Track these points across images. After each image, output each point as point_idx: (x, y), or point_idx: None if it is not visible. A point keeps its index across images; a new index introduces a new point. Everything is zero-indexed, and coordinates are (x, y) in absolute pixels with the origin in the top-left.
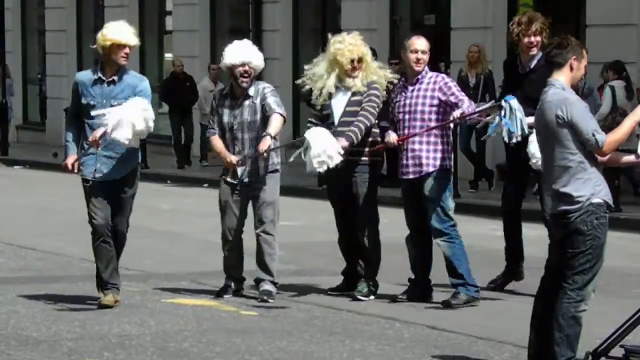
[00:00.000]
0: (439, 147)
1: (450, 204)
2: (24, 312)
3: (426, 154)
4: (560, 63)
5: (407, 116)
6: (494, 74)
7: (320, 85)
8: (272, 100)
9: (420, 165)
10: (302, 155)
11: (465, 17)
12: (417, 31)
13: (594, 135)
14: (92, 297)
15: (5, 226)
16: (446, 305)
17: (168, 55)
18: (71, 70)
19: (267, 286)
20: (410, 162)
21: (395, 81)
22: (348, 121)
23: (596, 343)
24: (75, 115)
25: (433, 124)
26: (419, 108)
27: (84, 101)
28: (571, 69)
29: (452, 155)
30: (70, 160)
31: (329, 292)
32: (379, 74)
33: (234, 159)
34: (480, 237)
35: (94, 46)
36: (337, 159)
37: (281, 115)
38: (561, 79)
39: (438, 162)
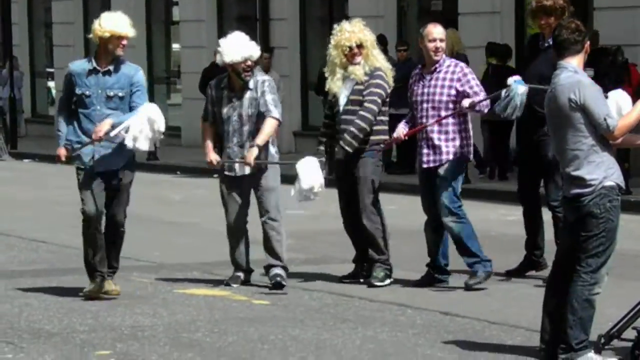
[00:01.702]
0: (457, 135)
1: (459, 187)
2: (36, 304)
3: (445, 143)
4: (579, 50)
5: (424, 105)
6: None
7: (327, 87)
8: (270, 99)
9: (440, 154)
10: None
11: (473, 2)
12: (425, 17)
13: (605, 119)
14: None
15: (16, 219)
16: (468, 287)
17: (175, 46)
18: None
19: (277, 270)
20: (430, 151)
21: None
22: (351, 109)
23: (608, 326)
24: (67, 105)
25: (448, 112)
26: (437, 97)
27: (78, 91)
28: (585, 53)
29: (472, 142)
30: (62, 152)
31: (342, 280)
32: (380, 59)
33: (214, 159)
34: (492, 222)
35: (90, 36)
36: (319, 193)
37: (275, 118)
38: (574, 62)
39: (458, 151)
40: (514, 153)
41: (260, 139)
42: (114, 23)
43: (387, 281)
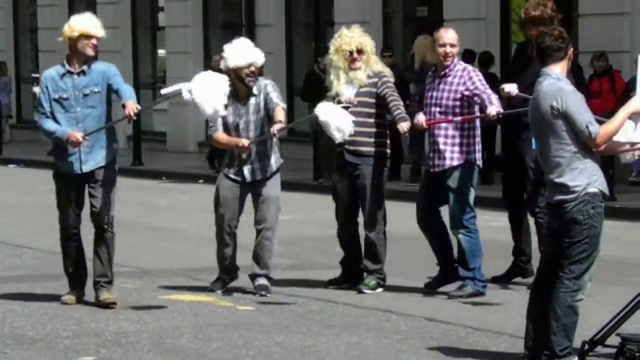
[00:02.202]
0: (463, 140)
1: (472, 196)
2: (20, 310)
3: (450, 147)
4: (562, 56)
5: (432, 109)
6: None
7: (334, 92)
8: (275, 95)
9: (444, 159)
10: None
11: (458, 9)
12: (410, 23)
13: (587, 127)
14: (87, 295)
15: (0, 225)
16: (450, 297)
17: (161, 52)
18: None
19: (262, 281)
20: (435, 155)
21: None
22: (358, 112)
23: (592, 332)
24: (48, 109)
25: (458, 117)
26: (444, 102)
27: (55, 96)
28: (568, 59)
29: (480, 148)
30: (76, 134)
31: (328, 286)
32: (381, 65)
33: (245, 142)
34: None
35: (60, 39)
36: (350, 127)
37: (284, 109)
38: (557, 69)
39: (463, 156)
40: (500, 158)
41: (280, 117)
42: (82, 23)
43: (378, 290)
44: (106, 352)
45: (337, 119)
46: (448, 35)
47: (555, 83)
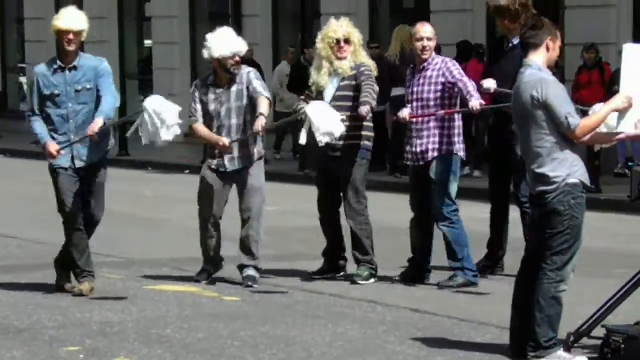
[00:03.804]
0: (444, 132)
1: (454, 188)
2: (4, 300)
3: (432, 139)
4: (536, 44)
5: (415, 103)
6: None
7: (312, 81)
8: (258, 84)
9: (426, 151)
10: (304, 129)
11: (444, 1)
12: (397, 15)
13: (567, 118)
14: (72, 285)
15: None
16: (441, 287)
17: (148, 42)
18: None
19: (251, 272)
20: (417, 149)
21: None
22: (339, 105)
23: (578, 324)
24: (37, 106)
25: (440, 110)
26: (425, 95)
27: (47, 92)
28: (547, 49)
29: (461, 139)
30: (53, 147)
31: (312, 277)
32: (366, 57)
33: (226, 141)
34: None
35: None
36: (340, 130)
37: (267, 98)
38: (538, 59)
39: (444, 147)
40: (486, 150)
41: (263, 110)
42: (60, 19)
43: (372, 280)
44: (92, 343)
45: (326, 122)
46: (424, 30)
47: (536, 73)
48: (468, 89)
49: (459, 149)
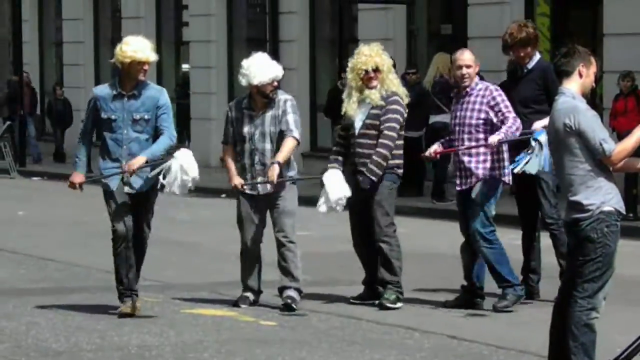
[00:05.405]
0: (488, 157)
1: (492, 210)
2: (43, 323)
3: (475, 165)
4: (568, 71)
5: (457, 128)
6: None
7: (343, 110)
8: (292, 119)
9: (470, 176)
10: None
11: (482, 26)
12: (435, 41)
13: (601, 144)
14: (111, 307)
15: (24, 237)
16: (495, 309)
17: (185, 66)
18: (88, 82)
19: (291, 292)
20: (461, 173)
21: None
22: (367, 133)
23: (617, 352)
24: (90, 131)
25: (481, 136)
26: (467, 121)
27: (104, 116)
28: (580, 76)
29: (507, 164)
30: (77, 179)
31: (351, 301)
32: (396, 84)
33: (238, 182)
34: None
35: (112, 60)
36: (337, 207)
37: (295, 139)
38: (571, 87)
39: (488, 172)
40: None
41: (281, 157)
42: (134, 48)
43: (399, 304)
44: None
45: (334, 191)
46: (463, 57)
47: (569, 101)
48: (511, 130)
49: (505, 173)
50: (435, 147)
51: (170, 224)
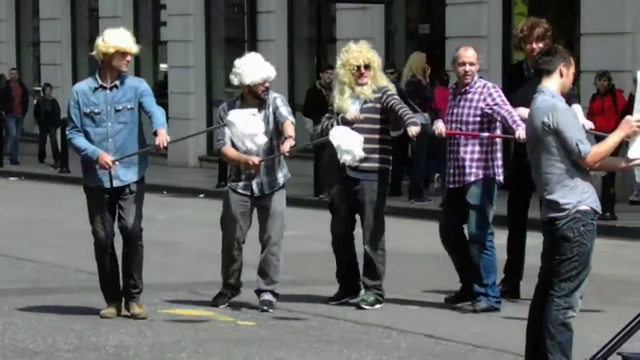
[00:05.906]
0: (482, 156)
1: (491, 212)
2: (20, 323)
3: (469, 163)
4: (550, 70)
5: (453, 125)
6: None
7: (335, 106)
8: (285, 110)
9: (463, 174)
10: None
11: (460, 26)
12: (413, 40)
13: (577, 145)
14: (88, 308)
15: (1, 237)
16: (463, 310)
17: (163, 66)
18: (66, 81)
19: (267, 296)
20: (455, 171)
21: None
22: (361, 127)
23: (593, 351)
24: (80, 124)
25: (485, 133)
26: (464, 118)
27: (86, 110)
28: (561, 75)
29: (500, 164)
30: (108, 158)
31: (329, 302)
32: (386, 80)
33: (256, 159)
34: None
35: (93, 53)
36: (360, 154)
37: (293, 123)
38: (551, 86)
39: (481, 171)
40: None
41: (291, 132)
42: (118, 39)
43: (377, 306)
44: None
45: (349, 143)
46: (467, 54)
47: (548, 100)
48: (513, 118)
49: (498, 172)
50: (441, 126)
51: (148, 223)
